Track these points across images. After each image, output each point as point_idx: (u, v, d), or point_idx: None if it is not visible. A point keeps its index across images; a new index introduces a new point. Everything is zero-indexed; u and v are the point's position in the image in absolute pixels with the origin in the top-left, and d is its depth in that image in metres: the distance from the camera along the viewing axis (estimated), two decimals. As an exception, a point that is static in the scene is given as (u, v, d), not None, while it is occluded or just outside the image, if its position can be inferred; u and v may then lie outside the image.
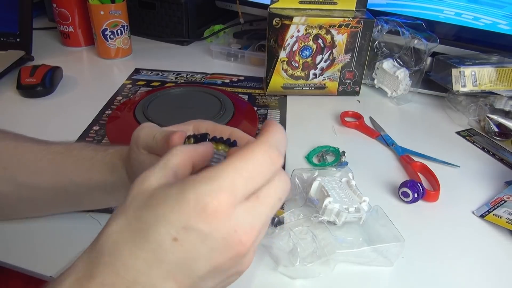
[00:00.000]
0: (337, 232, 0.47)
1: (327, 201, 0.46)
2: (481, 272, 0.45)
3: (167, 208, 0.23)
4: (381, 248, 0.45)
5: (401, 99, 0.78)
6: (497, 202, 0.53)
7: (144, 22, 0.99)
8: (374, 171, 0.59)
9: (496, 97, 0.69)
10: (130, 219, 0.24)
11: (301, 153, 0.62)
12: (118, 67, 0.88)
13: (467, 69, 0.68)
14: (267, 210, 0.25)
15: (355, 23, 0.71)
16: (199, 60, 0.92)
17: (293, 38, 0.72)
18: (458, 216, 0.52)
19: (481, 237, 0.50)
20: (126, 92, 0.77)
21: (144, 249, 0.23)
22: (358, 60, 0.75)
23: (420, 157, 0.62)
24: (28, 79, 0.74)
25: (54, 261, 0.44)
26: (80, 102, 0.74)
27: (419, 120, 0.74)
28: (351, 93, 0.79)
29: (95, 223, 0.48)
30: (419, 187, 0.52)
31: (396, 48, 0.78)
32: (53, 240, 0.46)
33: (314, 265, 0.42)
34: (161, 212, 0.23)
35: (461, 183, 0.58)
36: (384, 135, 0.67)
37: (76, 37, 0.94)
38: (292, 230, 0.45)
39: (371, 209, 0.48)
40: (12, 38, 0.85)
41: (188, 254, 0.23)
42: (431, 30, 0.76)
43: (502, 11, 0.73)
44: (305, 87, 0.78)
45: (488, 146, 0.66)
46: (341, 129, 0.69)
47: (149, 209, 0.23)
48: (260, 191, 0.24)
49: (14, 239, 0.46)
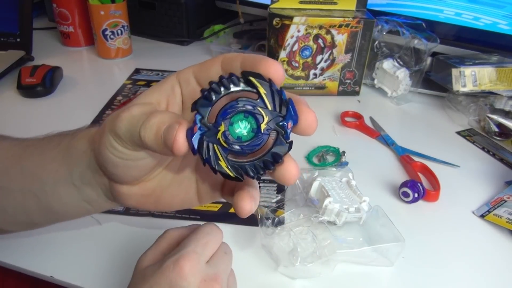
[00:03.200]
0: (338, 232, 0.47)
1: (327, 201, 0.46)
2: (481, 272, 0.45)
3: (155, 278, 0.31)
4: (381, 248, 0.45)
5: (401, 99, 0.78)
6: (497, 202, 0.53)
7: (144, 22, 0.98)
8: (374, 171, 0.59)
9: (496, 97, 0.68)
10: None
11: (301, 153, 0.62)
12: (118, 67, 0.88)
13: (467, 69, 0.68)
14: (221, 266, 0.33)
15: (355, 23, 0.71)
16: (199, 60, 0.89)
17: (293, 38, 0.72)
18: (458, 216, 0.52)
19: (481, 237, 0.50)
20: (126, 92, 0.77)
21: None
22: (358, 60, 0.75)
23: (420, 157, 0.62)
24: (28, 79, 0.74)
25: (54, 261, 0.44)
26: (80, 102, 0.74)
27: (419, 120, 0.74)
28: (351, 93, 0.79)
29: (95, 222, 0.48)
30: (419, 187, 0.52)
31: (396, 48, 0.78)
32: (52, 239, 0.46)
33: (315, 265, 0.42)
34: (152, 282, 0.31)
35: (461, 183, 0.58)
36: (384, 135, 0.67)
37: (76, 37, 0.94)
38: (293, 230, 0.45)
39: (371, 209, 0.48)
40: (12, 38, 0.85)
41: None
42: (431, 30, 0.76)
43: (502, 11, 0.73)
44: (305, 87, 0.78)
45: (488, 146, 0.66)
46: (341, 129, 0.69)
47: (144, 281, 0.31)
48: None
49: (14, 239, 0.46)
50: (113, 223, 0.49)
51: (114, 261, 0.44)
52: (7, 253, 0.44)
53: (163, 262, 0.31)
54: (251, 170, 0.24)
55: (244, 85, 0.24)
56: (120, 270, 0.43)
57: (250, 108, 0.23)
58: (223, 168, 0.24)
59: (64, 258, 0.45)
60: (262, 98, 0.24)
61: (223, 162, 0.24)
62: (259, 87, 0.23)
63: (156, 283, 0.30)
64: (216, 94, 0.24)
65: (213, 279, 0.31)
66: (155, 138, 0.25)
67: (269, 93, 0.24)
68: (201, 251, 0.32)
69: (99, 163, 0.31)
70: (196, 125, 0.23)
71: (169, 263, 0.31)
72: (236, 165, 0.24)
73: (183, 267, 0.30)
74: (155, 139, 0.25)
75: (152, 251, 0.34)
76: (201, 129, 0.24)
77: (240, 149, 0.24)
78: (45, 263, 0.44)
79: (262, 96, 0.23)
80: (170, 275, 0.30)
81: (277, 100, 0.24)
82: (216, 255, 0.33)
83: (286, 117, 0.24)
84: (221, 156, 0.24)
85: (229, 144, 0.24)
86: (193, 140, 0.23)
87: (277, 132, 0.24)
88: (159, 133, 0.25)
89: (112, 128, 0.28)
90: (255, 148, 0.24)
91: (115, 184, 0.32)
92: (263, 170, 0.24)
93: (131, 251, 0.41)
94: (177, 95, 0.29)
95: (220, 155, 0.24)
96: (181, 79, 0.29)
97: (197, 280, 0.30)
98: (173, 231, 0.36)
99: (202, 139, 0.24)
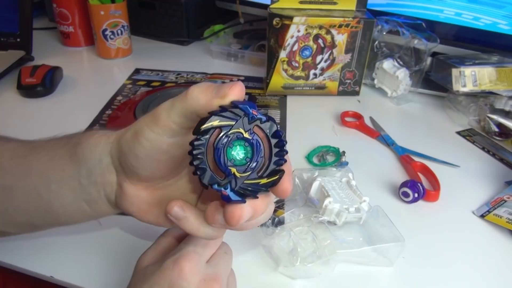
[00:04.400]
0: (338, 232, 0.47)
1: (327, 201, 0.46)
2: (481, 272, 0.45)
3: (155, 278, 0.31)
4: (381, 248, 0.45)
5: (401, 99, 0.78)
6: (497, 202, 0.53)
7: (144, 22, 0.98)
8: (374, 171, 0.59)
9: (496, 97, 0.69)
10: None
11: (301, 153, 0.62)
12: (118, 67, 0.88)
13: (467, 69, 0.68)
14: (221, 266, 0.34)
15: (355, 23, 0.71)
16: (199, 60, 0.92)
17: (293, 38, 0.72)
18: (458, 216, 0.52)
19: (481, 237, 0.50)
20: (126, 92, 0.77)
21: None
22: (358, 60, 0.75)
23: (420, 157, 0.62)
24: (28, 79, 0.74)
25: (54, 261, 0.44)
26: (80, 102, 0.74)
27: (419, 120, 0.74)
28: (351, 93, 0.79)
29: (95, 222, 0.48)
30: (419, 187, 0.52)
31: (396, 48, 0.78)
32: (53, 240, 0.46)
33: (315, 265, 0.42)
34: (152, 281, 0.31)
35: (461, 183, 0.58)
36: (384, 135, 0.67)
37: (76, 37, 0.94)
38: (293, 230, 0.45)
39: (371, 209, 0.48)
40: (12, 38, 0.85)
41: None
42: (431, 30, 0.76)
43: (502, 11, 0.73)
44: (305, 87, 0.78)
45: (488, 146, 0.66)
46: (341, 129, 0.69)
47: (144, 281, 0.32)
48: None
49: (15, 240, 0.46)
50: (113, 223, 0.49)
51: (114, 261, 0.44)
52: (9, 254, 0.44)
53: (163, 261, 0.32)
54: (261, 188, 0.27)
55: (204, 122, 0.25)
56: (120, 270, 0.43)
57: (225, 139, 0.25)
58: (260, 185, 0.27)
59: (64, 258, 0.45)
60: (225, 118, 0.25)
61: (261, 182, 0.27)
62: (222, 118, 0.25)
63: (156, 282, 0.31)
64: (199, 149, 0.25)
65: (213, 279, 0.32)
66: (205, 91, 0.27)
67: (227, 112, 0.25)
68: (201, 251, 0.32)
69: (122, 156, 0.31)
70: (222, 190, 0.26)
71: (169, 263, 0.31)
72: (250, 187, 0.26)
73: (183, 267, 0.30)
74: (204, 93, 0.27)
75: (152, 250, 0.34)
76: (226, 187, 0.26)
77: (253, 168, 0.26)
78: (45, 263, 0.44)
79: (224, 118, 0.25)
80: (170, 274, 0.30)
81: (230, 114, 0.25)
82: (216, 255, 0.34)
83: (246, 113, 0.25)
84: (253, 184, 0.26)
85: (248, 174, 0.26)
86: (232, 197, 0.26)
87: (257, 126, 0.25)
88: (209, 89, 0.27)
89: (155, 114, 0.29)
90: (262, 160, 0.26)
91: (125, 182, 0.31)
92: (282, 160, 0.27)
93: (131, 251, 0.41)
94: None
95: (254, 183, 0.26)
96: None
97: (197, 280, 0.31)
98: (173, 231, 0.36)
99: (233, 189, 0.26)
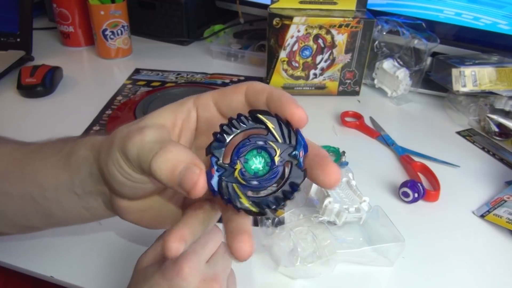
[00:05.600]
0: (338, 232, 0.47)
1: (327, 201, 0.46)
2: (481, 271, 0.45)
3: (154, 278, 0.31)
4: (382, 248, 0.45)
5: (401, 99, 0.78)
6: (497, 202, 0.53)
7: (144, 22, 0.98)
8: (374, 171, 0.59)
9: (496, 97, 0.69)
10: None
11: (301, 153, 0.62)
12: (118, 67, 0.88)
13: (467, 69, 0.68)
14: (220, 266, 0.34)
15: (355, 23, 0.71)
16: (199, 60, 0.92)
17: (293, 38, 0.72)
18: (458, 216, 0.52)
19: (481, 237, 0.50)
20: (126, 92, 0.77)
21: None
22: (358, 60, 0.75)
23: (420, 157, 0.62)
24: (28, 79, 0.74)
25: (54, 261, 0.44)
26: (80, 102, 0.74)
27: (419, 120, 0.74)
28: (351, 93, 0.79)
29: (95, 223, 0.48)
30: (419, 187, 0.52)
31: (396, 48, 0.78)
32: (53, 240, 0.46)
33: (315, 265, 0.42)
34: (152, 282, 0.31)
35: (461, 183, 0.58)
36: (384, 135, 0.67)
37: (76, 37, 0.94)
38: (293, 230, 0.45)
39: (371, 209, 0.48)
40: (12, 38, 0.85)
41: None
42: (431, 30, 0.76)
43: (502, 11, 0.73)
44: (305, 87, 0.78)
45: (488, 146, 0.66)
46: (341, 129, 0.69)
47: (144, 281, 0.32)
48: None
49: (15, 240, 0.46)
50: (113, 224, 0.48)
51: (114, 261, 0.44)
52: (9, 254, 0.44)
53: (162, 262, 0.32)
54: (272, 203, 0.25)
55: (253, 123, 0.25)
56: (120, 270, 0.43)
57: (262, 144, 0.25)
58: (245, 205, 0.25)
59: (64, 258, 0.45)
60: (272, 132, 0.25)
61: (244, 200, 0.25)
62: (267, 122, 0.25)
63: (156, 283, 0.31)
64: (228, 135, 0.25)
65: (212, 279, 0.32)
66: (170, 175, 0.24)
67: (277, 127, 0.25)
68: (201, 251, 0.32)
69: (104, 176, 0.30)
70: (214, 168, 0.24)
71: (168, 263, 0.31)
72: (256, 200, 0.25)
73: (183, 267, 0.30)
74: (169, 177, 0.24)
75: (152, 251, 0.34)
76: (218, 170, 0.24)
77: (258, 183, 0.25)
78: (45, 263, 0.44)
79: (271, 131, 0.25)
80: (170, 275, 0.30)
81: (286, 132, 0.25)
82: (216, 255, 0.34)
83: (297, 147, 0.25)
84: (241, 194, 0.25)
85: (247, 180, 0.25)
86: (212, 182, 0.24)
87: (290, 162, 0.25)
88: (174, 172, 0.24)
89: (121, 148, 0.26)
90: (272, 181, 0.25)
91: (116, 197, 0.31)
92: (283, 201, 0.25)
93: (131, 251, 0.41)
94: (192, 120, 0.29)
95: (240, 193, 0.25)
96: (199, 105, 0.29)
97: (197, 280, 0.30)
98: None
99: (220, 180, 0.24)
